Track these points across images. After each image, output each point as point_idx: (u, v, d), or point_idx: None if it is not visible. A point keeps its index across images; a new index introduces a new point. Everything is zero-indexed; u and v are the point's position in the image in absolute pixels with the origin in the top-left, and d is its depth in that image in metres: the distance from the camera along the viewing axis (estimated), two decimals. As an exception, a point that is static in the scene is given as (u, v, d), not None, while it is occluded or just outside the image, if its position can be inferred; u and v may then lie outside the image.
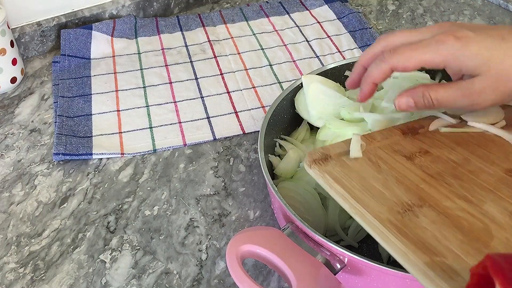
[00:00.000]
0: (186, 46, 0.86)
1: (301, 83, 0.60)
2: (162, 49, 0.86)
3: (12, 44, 0.77)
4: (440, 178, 0.41)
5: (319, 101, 0.58)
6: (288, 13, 0.94)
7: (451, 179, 0.41)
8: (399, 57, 0.43)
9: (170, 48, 0.86)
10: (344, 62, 0.64)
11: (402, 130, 0.48)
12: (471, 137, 0.46)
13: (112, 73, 0.80)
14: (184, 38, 0.88)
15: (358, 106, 0.56)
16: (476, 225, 0.36)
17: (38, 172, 0.64)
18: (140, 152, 0.66)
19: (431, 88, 0.44)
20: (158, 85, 0.78)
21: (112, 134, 0.69)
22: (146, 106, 0.74)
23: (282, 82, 0.78)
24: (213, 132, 0.69)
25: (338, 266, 0.42)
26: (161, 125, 0.70)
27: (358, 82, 0.49)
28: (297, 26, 0.90)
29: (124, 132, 0.69)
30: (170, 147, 0.67)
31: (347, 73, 0.64)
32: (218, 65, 0.82)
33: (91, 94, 0.76)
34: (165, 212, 0.59)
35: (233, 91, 0.76)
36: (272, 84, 0.77)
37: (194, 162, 0.65)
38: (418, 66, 0.43)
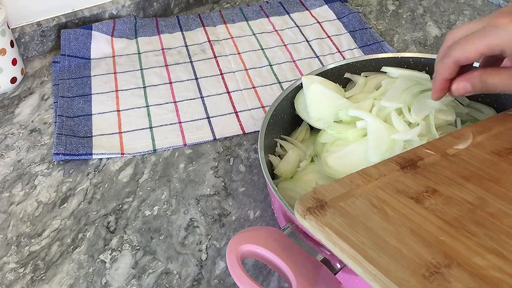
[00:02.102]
0: (186, 46, 0.86)
1: (301, 83, 0.60)
2: (162, 49, 0.86)
3: (12, 44, 0.77)
4: (460, 226, 0.35)
5: (318, 103, 0.58)
6: (288, 13, 0.94)
7: (473, 226, 0.35)
8: (459, 49, 0.43)
9: (170, 48, 0.86)
10: (344, 62, 0.64)
11: (399, 164, 0.43)
12: (478, 169, 0.42)
13: (112, 73, 0.80)
14: (184, 38, 0.88)
15: (358, 107, 0.56)
16: None
17: (38, 172, 0.64)
18: (140, 152, 0.66)
19: (488, 73, 0.44)
20: (158, 85, 0.78)
21: (112, 134, 0.69)
22: (146, 106, 0.74)
23: (282, 82, 0.78)
24: (213, 132, 0.69)
25: (338, 266, 0.42)
26: (161, 125, 0.70)
27: (443, 93, 0.48)
28: (297, 26, 0.90)
29: (124, 132, 0.69)
30: (170, 147, 0.67)
31: (347, 74, 0.64)
32: (218, 65, 0.82)
33: (91, 94, 0.76)
34: (165, 212, 0.59)
35: (233, 91, 0.76)
36: (272, 84, 0.77)
37: (194, 162, 0.65)
38: (480, 55, 0.43)
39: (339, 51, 0.83)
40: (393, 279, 0.31)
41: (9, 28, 0.77)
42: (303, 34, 0.88)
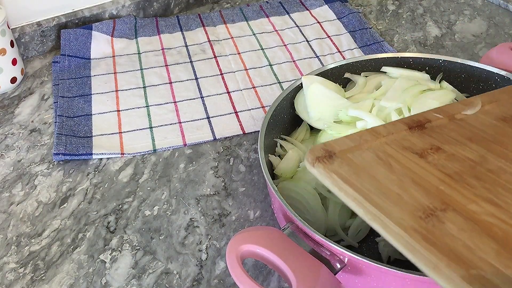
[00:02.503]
0: (186, 46, 0.86)
1: (301, 83, 0.60)
2: (162, 49, 0.86)
3: (12, 44, 0.77)
4: (460, 178, 0.37)
5: (318, 103, 0.58)
6: (288, 13, 0.94)
7: (472, 179, 0.37)
8: None
9: (170, 48, 0.86)
10: (344, 62, 0.64)
11: (408, 124, 0.44)
12: (483, 132, 0.44)
13: (112, 73, 0.80)
14: (184, 38, 0.88)
15: (358, 107, 0.56)
16: (510, 233, 0.32)
17: (38, 172, 0.64)
18: (140, 152, 0.66)
19: None
20: (158, 85, 0.78)
21: (112, 134, 0.69)
22: (146, 106, 0.74)
23: (282, 82, 0.78)
24: (213, 132, 0.69)
25: (338, 266, 0.42)
26: (161, 125, 0.70)
27: None
28: (297, 26, 0.90)
29: (124, 132, 0.69)
30: (170, 147, 0.67)
31: (347, 74, 0.64)
32: (218, 65, 0.82)
33: (91, 94, 0.76)
34: (165, 212, 0.59)
35: (233, 91, 0.76)
36: (272, 84, 0.77)
37: (194, 162, 0.65)
38: None
39: (339, 51, 0.83)
40: (391, 218, 0.33)
41: (9, 28, 0.77)
42: (303, 34, 0.88)
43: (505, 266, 0.30)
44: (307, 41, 0.86)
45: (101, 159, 0.66)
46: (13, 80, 0.78)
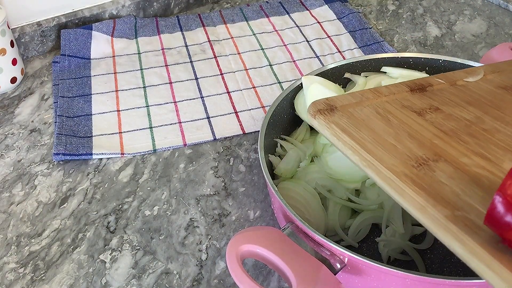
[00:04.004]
0: (186, 46, 0.86)
1: (301, 84, 0.60)
2: (162, 49, 0.86)
3: (12, 44, 0.77)
4: (454, 135, 0.39)
5: None
6: (288, 13, 0.94)
7: (466, 136, 0.39)
8: None
9: (170, 48, 0.86)
10: (344, 62, 0.64)
11: (409, 87, 0.46)
12: (481, 97, 0.45)
13: (112, 73, 0.80)
14: (184, 38, 0.88)
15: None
16: (497, 183, 0.34)
17: (38, 172, 0.64)
18: (140, 152, 0.66)
19: None
20: (158, 85, 0.78)
21: (112, 134, 0.69)
22: (146, 106, 0.74)
23: (282, 82, 0.78)
24: (213, 132, 0.69)
25: (338, 266, 0.42)
26: (161, 125, 0.70)
27: None
28: (297, 26, 0.90)
29: (124, 132, 0.69)
30: (170, 147, 0.67)
31: (347, 74, 0.64)
32: (218, 65, 0.82)
33: (91, 94, 0.76)
34: (165, 212, 0.59)
35: (233, 91, 0.76)
36: (272, 84, 0.77)
37: (194, 162, 0.65)
38: None
39: (339, 51, 0.83)
40: (384, 164, 0.35)
41: (9, 28, 0.77)
42: (303, 34, 0.88)
43: None
44: (307, 41, 0.86)
45: (101, 159, 0.66)
46: (13, 80, 0.78)
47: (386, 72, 0.63)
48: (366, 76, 0.64)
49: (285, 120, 0.60)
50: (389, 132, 0.39)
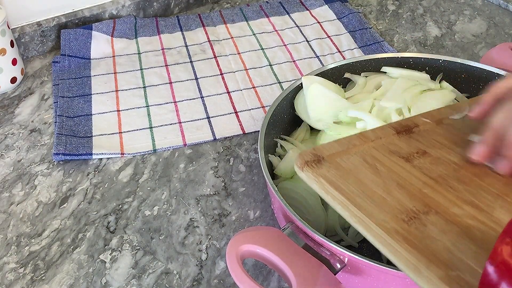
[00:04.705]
0: (186, 46, 0.86)
1: (301, 84, 0.60)
2: (162, 49, 0.86)
3: (12, 44, 0.77)
4: (444, 181, 0.38)
5: (318, 103, 0.58)
6: (288, 13, 0.94)
7: (455, 182, 0.38)
8: None
9: (170, 48, 0.86)
10: (344, 62, 0.64)
11: (396, 129, 0.45)
12: (468, 136, 0.44)
13: (112, 73, 0.80)
14: (184, 38, 0.88)
15: (358, 107, 0.56)
16: (489, 235, 0.33)
17: (38, 172, 0.64)
18: (140, 152, 0.66)
19: None
20: (158, 85, 0.78)
21: (112, 134, 0.69)
22: (146, 106, 0.74)
23: (282, 82, 0.78)
24: (213, 132, 0.69)
25: (338, 266, 0.42)
26: (161, 125, 0.70)
27: (486, 113, 0.44)
28: (297, 26, 0.90)
29: (124, 132, 0.69)
30: (170, 147, 0.67)
31: (347, 74, 0.64)
32: (218, 65, 0.82)
33: (91, 94, 0.76)
34: (165, 212, 0.59)
35: (233, 91, 0.76)
36: (272, 84, 0.77)
37: (194, 162, 0.65)
38: None
39: (339, 51, 0.83)
40: (375, 220, 0.34)
41: (9, 28, 0.77)
42: (303, 34, 0.88)
43: (483, 267, 0.30)
44: (307, 41, 0.86)
45: (101, 159, 0.66)
46: (13, 80, 0.78)
47: (386, 72, 0.63)
48: (366, 76, 0.64)
49: (285, 120, 0.60)
50: (377, 183, 0.38)
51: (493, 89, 0.43)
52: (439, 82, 0.61)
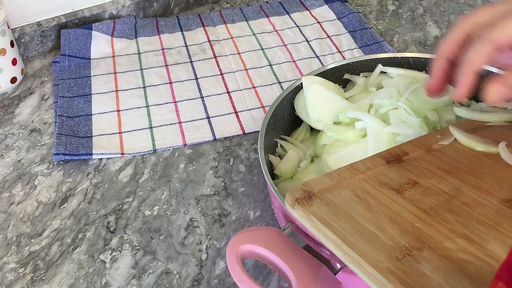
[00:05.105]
0: (186, 46, 0.86)
1: (301, 84, 0.60)
2: (162, 49, 0.86)
3: (12, 44, 0.77)
4: (435, 213, 0.38)
5: (318, 104, 0.58)
6: (288, 13, 0.94)
7: (447, 214, 0.38)
8: (500, 30, 0.37)
9: (170, 48, 0.86)
10: (344, 62, 0.64)
11: (385, 159, 0.45)
12: (458, 163, 0.44)
13: (112, 73, 0.80)
14: (184, 38, 0.88)
15: (357, 107, 0.56)
16: (484, 269, 0.33)
17: (38, 172, 0.64)
18: (140, 152, 0.66)
19: None
20: (158, 85, 0.78)
21: (112, 134, 0.69)
22: (146, 106, 0.74)
23: (282, 82, 0.78)
24: (213, 132, 0.69)
25: (338, 266, 0.42)
26: (161, 125, 0.70)
27: (443, 83, 0.44)
28: (297, 26, 0.90)
29: (124, 132, 0.69)
30: (170, 147, 0.67)
31: (346, 75, 0.64)
32: (218, 65, 0.82)
33: (91, 94, 0.76)
34: (165, 212, 0.59)
35: (233, 91, 0.76)
36: (272, 84, 0.77)
37: (194, 162, 0.65)
38: None
39: (339, 51, 0.83)
40: (368, 260, 0.33)
41: (9, 28, 0.77)
42: (303, 34, 0.88)
43: None
44: (307, 41, 0.86)
45: (101, 159, 0.66)
46: (13, 80, 0.78)
47: (386, 72, 0.63)
48: (366, 77, 0.64)
49: (285, 120, 0.60)
50: (369, 218, 0.37)
51: (460, 26, 0.41)
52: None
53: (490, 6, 0.41)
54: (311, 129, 0.61)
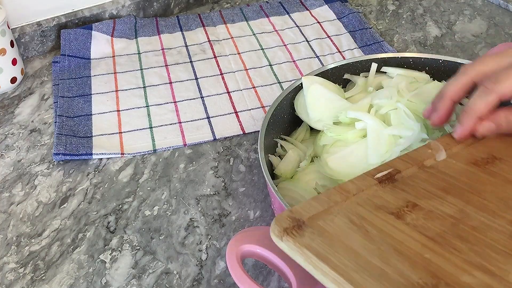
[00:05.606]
0: (186, 46, 0.86)
1: (301, 84, 0.60)
2: (162, 49, 0.86)
3: (12, 44, 0.77)
4: (444, 241, 0.34)
5: (318, 104, 0.58)
6: (288, 13, 0.94)
7: (457, 241, 0.34)
8: (505, 83, 0.41)
9: (170, 48, 0.86)
10: (344, 62, 0.64)
11: (377, 178, 0.41)
12: (456, 180, 0.41)
13: (112, 73, 0.80)
14: (184, 38, 0.88)
15: (357, 107, 0.56)
16: None
17: (38, 172, 0.65)
18: (140, 152, 0.66)
19: None
20: (158, 85, 0.78)
21: (112, 134, 0.69)
22: (146, 106, 0.74)
23: (282, 82, 0.78)
24: (213, 132, 0.69)
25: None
26: (161, 125, 0.70)
27: (446, 117, 0.47)
28: (297, 26, 0.90)
29: (124, 132, 0.69)
30: (170, 147, 0.67)
31: (346, 75, 0.64)
32: (218, 65, 0.82)
33: (91, 94, 0.76)
34: (165, 212, 0.59)
35: (233, 91, 0.76)
36: (272, 84, 0.77)
37: (194, 162, 0.65)
38: None
39: (339, 51, 0.83)
40: None
41: (9, 28, 0.77)
42: (303, 34, 0.88)
43: None
44: (307, 41, 0.86)
45: (101, 159, 0.66)
46: (13, 80, 0.78)
47: (386, 72, 0.63)
48: (366, 77, 0.64)
49: (285, 120, 0.60)
50: (371, 250, 0.33)
51: (467, 73, 0.45)
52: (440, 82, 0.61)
53: (496, 56, 0.44)
54: (311, 129, 0.61)
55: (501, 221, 0.35)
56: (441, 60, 0.62)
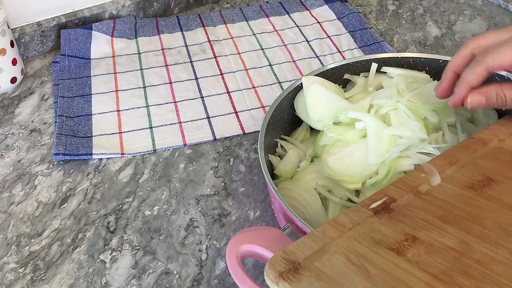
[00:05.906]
0: (186, 46, 0.86)
1: (301, 84, 0.60)
2: (162, 49, 0.86)
3: (12, 44, 0.77)
4: (449, 279, 0.32)
5: (318, 104, 0.58)
6: (288, 13, 0.94)
7: (463, 278, 0.32)
8: (493, 56, 0.44)
9: (170, 48, 0.86)
10: (344, 62, 0.64)
11: (372, 209, 0.40)
12: (454, 207, 0.39)
13: (112, 73, 0.80)
14: (184, 38, 0.88)
15: (357, 107, 0.56)
16: None
17: (38, 172, 0.65)
18: (140, 152, 0.66)
19: (505, 88, 0.44)
20: (158, 85, 0.78)
21: (112, 134, 0.69)
22: (146, 106, 0.74)
23: (282, 82, 0.78)
24: (213, 132, 0.69)
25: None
26: (161, 125, 0.70)
27: (450, 89, 0.49)
28: (297, 26, 0.90)
29: (124, 132, 0.69)
30: (170, 147, 0.67)
31: (346, 75, 0.64)
32: (218, 65, 0.82)
33: (91, 94, 0.76)
34: (165, 212, 0.59)
35: (233, 91, 0.76)
36: (272, 84, 0.77)
37: (194, 162, 0.65)
38: None
39: (339, 51, 0.83)
40: None
41: (9, 28, 0.77)
42: (303, 34, 0.88)
43: None
44: (307, 41, 0.86)
45: (101, 159, 0.66)
46: (13, 80, 0.78)
47: (386, 72, 0.63)
48: (365, 77, 0.64)
49: (285, 120, 0.60)
50: None
51: (467, 45, 0.48)
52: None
53: (498, 31, 0.46)
54: (311, 129, 0.61)
55: (505, 252, 0.34)
56: (441, 60, 0.63)
